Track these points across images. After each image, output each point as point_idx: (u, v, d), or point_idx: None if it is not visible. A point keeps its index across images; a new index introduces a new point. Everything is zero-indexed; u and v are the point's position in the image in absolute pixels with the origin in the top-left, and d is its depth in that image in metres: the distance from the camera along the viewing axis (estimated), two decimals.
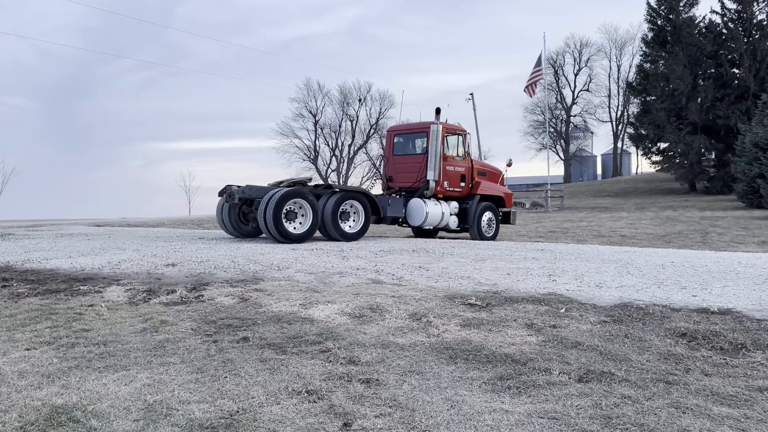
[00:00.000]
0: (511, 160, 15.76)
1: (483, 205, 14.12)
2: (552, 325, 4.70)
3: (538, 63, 34.31)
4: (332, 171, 63.62)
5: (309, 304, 5.53)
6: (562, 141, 69.76)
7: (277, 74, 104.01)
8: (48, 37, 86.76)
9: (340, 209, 11.78)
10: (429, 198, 13.44)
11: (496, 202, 14.69)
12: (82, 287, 6.53)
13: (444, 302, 5.53)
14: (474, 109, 46.07)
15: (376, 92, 62.64)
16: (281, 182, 12.14)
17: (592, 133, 72.04)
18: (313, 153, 62.88)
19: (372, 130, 61.33)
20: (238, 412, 3.00)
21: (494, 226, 14.42)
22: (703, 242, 14.67)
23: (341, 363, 3.81)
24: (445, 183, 13.64)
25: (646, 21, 43.57)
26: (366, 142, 62.23)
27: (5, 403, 3.13)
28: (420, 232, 15.09)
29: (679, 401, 3.12)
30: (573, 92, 68.37)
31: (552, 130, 66.07)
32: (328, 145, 63.86)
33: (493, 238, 14.36)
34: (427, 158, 13.38)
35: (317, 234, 11.79)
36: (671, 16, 41.55)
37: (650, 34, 43.62)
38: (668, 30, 41.58)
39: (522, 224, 20.63)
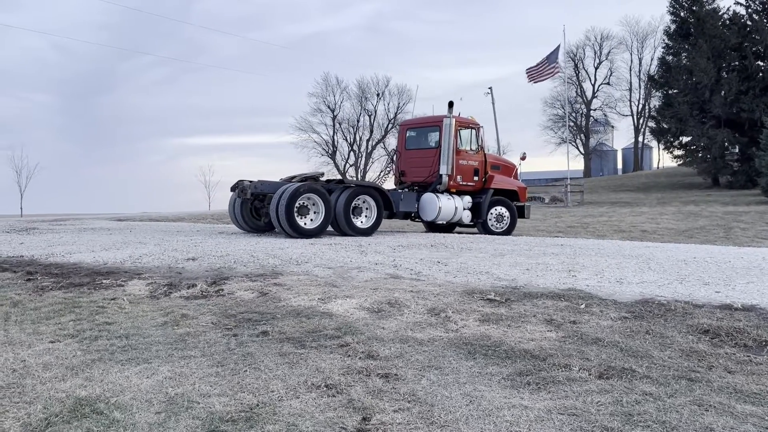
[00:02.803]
0: (525, 153, 15.61)
1: (493, 199, 13.93)
2: (572, 321, 4.67)
3: (552, 56, 33.82)
4: (350, 166, 63.73)
5: (328, 298, 5.55)
6: (582, 135, 69.01)
7: (296, 69, 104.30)
8: (69, 34, 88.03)
9: (353, 204, 11.78)
10: (442, 192, 13.29)
11: (510, 197, 14.50)
12: (104, 281, 6.62)
13: (462, 297, 5.52)
14: (493, 103, 45.75)
15: (394, 87, 62.63)
16: (293, 177, 12.07)
17: (612, 127, 71.20)
18: (331, 148, 63.06)
19: (390, 125, 61.26)
20: (258, 405, 3.03)
21: (506, 220, 14.20)
22: (726, 237, 14.46)
23: (360, 357, 3.82)
24: (458, 177, 13.45)
25: (669, 13, 42.94)
26: (384, 136, 62.18)
27: (30, 395, 3.18)
28: (433, 227, 14.91)
29: (701, 399, 3.08)
30: (593, 86, 67.57)
31: (572, 124, 65.41)
32: (347, 140, 63.99)
33: (507, 233, 14.14)
34: (440, 152, 13.24)
35: (329, 229, 11.76)
36: (695, 8, 40.86)
37: (673, 27, 42.98)
38: (691, 22, 40.90)
39: (541, 219, 20.49)
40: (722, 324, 4.41)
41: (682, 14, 42.17)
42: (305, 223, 11.04)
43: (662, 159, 67.31)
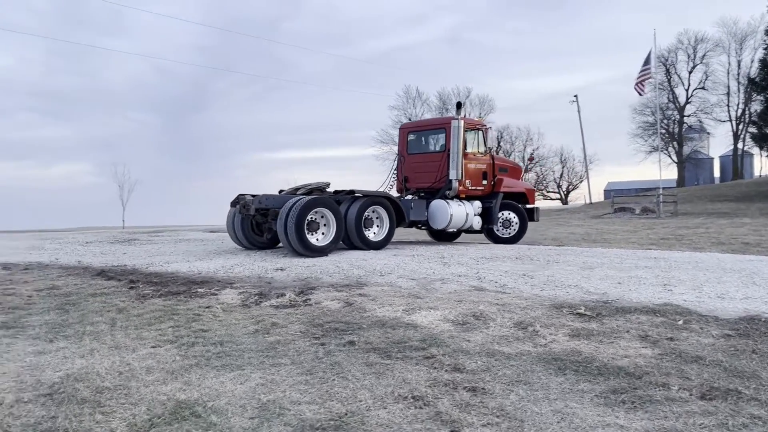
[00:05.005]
0: (533, 153, 14.98)
1: (501, 203, 13.29)
2: (669, 338, 4.45)
3: (647, 61, 32.65)
4: None
5: (412, 309, 5.56)
6: (674, 143, 65.75)
7: (378, 83, 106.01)
8: (168, 56, 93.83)
9: (364, 216, 11.06)
10: (452, 198, 12.66)
11: (518, 200, 13.84)
12: (199, 290, 6.94)
13: (551, 311, 5.38)
14: (578, 112, 44.52)
15: (476, 97, 62.31)
16: (298, 189, 11.40)
17: (708, 133, 67.42)
18: None
19: None
20: (346, 414, 3.07)
21: (514, 225, 13.57)
22: None
23: (446, 370, 3.80)
24: (467, 182, 12.77)
25: None
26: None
27: (135, 397, 3.38)
28: (438, 236, 14.41)
29: None
30: (687, 91, 64.21)
31: (663, 131, 62.46)
32: None
33: (516, 239, 13.53)
34: (447, 156, 12.57)
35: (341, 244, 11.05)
36: None
37: None
38: None
39: (632, 231, 19.67)
40: None
41: None
42: (316, 240, 10.20)
43: (765, 166, 63.03)
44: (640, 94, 34.38)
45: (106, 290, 7.12)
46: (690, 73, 63.56)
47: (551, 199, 76.66)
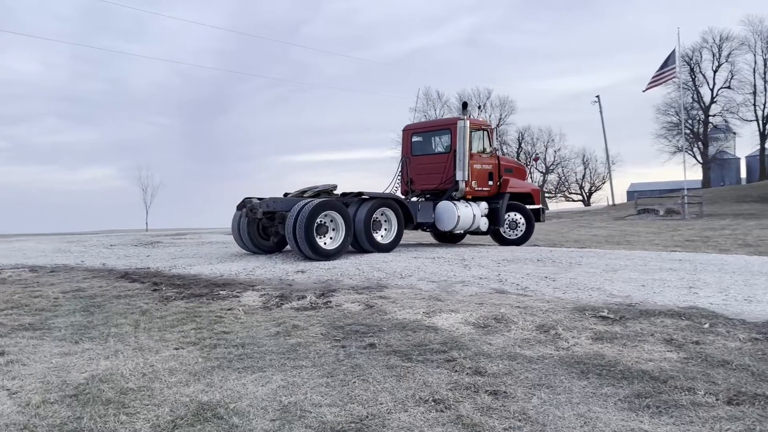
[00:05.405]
0: (537, 154, 14.79)
1: (507, 204, 13.14)
2: (694, 342, 4.37)
3: (669, 61, 32.11)
4: None
5: (432, 312, 5.54)
6: (699, 143, 64.64)
7: (398, 86, 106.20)
8: (189, 61, 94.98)
9: (373, 218, 10.96)
10: (458, 200, 12.51)
11: (524, 200, 13.68)
12: (221, 292, 7.00)
13: (573, 314, 5.32)
14: (600, 112, 44.03)
15: (496, 98, 61.94)
16: (304, 192, 11.37)
17: (734, 133, 66.09)
18: None
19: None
20: (367, 417, 3.07)
21: (521, 227, 13.42)
22: None
23: (467, 373, 3.78)
24: (474, 183, 12.64)
25: None
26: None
27: (158, 398, 3.42)
28: (442, 237, 14.31)
29: None
30: (712, 90, 62.97)
31: (688, 131, 61.46)
32: None
33: (522, 241, 13.38)
34: (453, 157, 12.45)
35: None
36: None
37: None
38: None
39: (656, 232, 19.39)
40: None
41: None
42: (325, 243, 10.04)
43: None
44: (646, 89, 33.72)
45: (130, 292, 7.21)
46: (715, 72, 62.38)
47: (573, 200, 75.98)
